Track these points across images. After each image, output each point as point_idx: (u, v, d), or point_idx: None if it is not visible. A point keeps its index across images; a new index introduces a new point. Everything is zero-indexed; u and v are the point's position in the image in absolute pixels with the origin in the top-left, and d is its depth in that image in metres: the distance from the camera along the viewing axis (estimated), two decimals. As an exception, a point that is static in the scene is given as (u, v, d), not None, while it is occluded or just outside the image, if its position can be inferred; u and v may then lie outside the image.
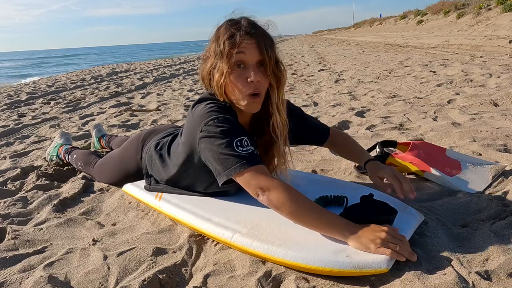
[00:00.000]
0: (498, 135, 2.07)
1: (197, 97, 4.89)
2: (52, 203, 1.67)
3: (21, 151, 2.74)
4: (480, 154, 1.85)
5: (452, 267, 1.00)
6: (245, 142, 1.12)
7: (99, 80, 8.31)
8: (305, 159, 1.98)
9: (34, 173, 2.08)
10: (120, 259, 1.19)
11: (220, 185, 1.16)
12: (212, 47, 1.17)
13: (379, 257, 0.99)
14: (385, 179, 1.34)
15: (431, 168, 1.60)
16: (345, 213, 1.13)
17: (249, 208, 1.32)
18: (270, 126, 1.24)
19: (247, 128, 1.31)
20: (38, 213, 1.64)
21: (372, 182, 1.42)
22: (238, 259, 1.15)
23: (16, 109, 5.01)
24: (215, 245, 1.25)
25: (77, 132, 3.22)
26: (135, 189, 1.60)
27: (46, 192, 1.83)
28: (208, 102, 1.21)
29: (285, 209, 1.08)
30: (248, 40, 1.11)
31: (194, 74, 8.40)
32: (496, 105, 2.86)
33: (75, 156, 2.07)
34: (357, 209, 1.15)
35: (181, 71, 9.39)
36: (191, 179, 1.39)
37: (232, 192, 1.41)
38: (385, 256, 0.99)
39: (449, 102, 3.13)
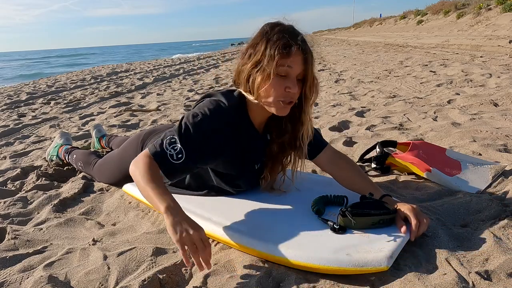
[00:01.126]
0: (498, 135, 2.07)
1: (197, 97, 4.90)
2: (52, 203, 1.67)
3: (21, 151, 2.74)
4: (480, 154, 1.85)
5: (452, 267, 1.00)
6: (175, 147, 1.18)
7: (99, 80, 8.31)
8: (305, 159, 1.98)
9: (34, 173, 2.08)
10: (120, 259, 1.19)
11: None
12: (261, 46, 1.16)
13: (379, 255, 0.99)
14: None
15: (431, 168, 1.60)
16: (345, 209, 1.14)
17: (249, 208, 1.32)
18: (294, 131, 1.29)
19: (262, 126, 1.34)
20: (38, 213, 1.64)
21: None
22: (238, 259, 1.15)
23: (16, 109, 5.01)
24: (215, 245, 1.25)
25: (77, 132, 3.22)
26: (135, 189, 1.60)
27: (46, 192, 1.83)
28: (214, 100, 1.24)
29: (133, 175, 1.19)
30: (299, 55, 1.14)
31: (194, 74, 8.40)
32: (496, 105, 2.86)
33: (75, 156, 2.07)
34: (358, 206, 1.15)
35: (181, 71, 9.39)
36: (194, 176, 1.40)
37: (232, 192, 1.42)
38: (385, 254, 0.99)
39: (449, 102, 3.13)
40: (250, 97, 1.22)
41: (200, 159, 1.22)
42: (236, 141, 1.26)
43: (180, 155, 1.17)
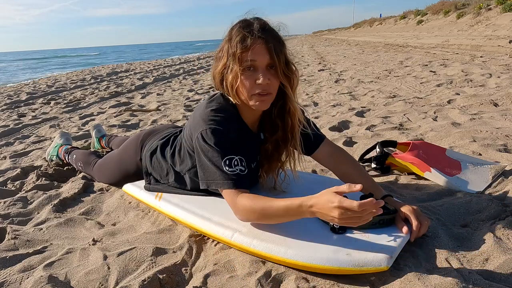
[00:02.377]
0: (498, 135, 2.07)
1: (197, 97, 4.90)
2: (52, 203, 1.67)
3: (21, 151, 2.74)
4: (480, 154, 1.85)
5: (452, 267, 1.00)
6: (235, 162, 1.16)
7: (99, 80, 8.31)
8: (305, 159, 1.98)
9: (34, 173, 2.08)
10: (120, 259, 1.19)
11: (201, 187, 1.23)
12: (225, 47, 1.19)
13: (379, 256, 0.99)
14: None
15: (431, 168, 1.60)
16: None
17: (249, 208, 1.31)
18: (284, 124, 1.29)
19: (256, 125, 1.34)
20: (38, 213, 1.64)
21: None
22: (238, 259, 1.15)
23: (16, 109, 5.01)
24: (215, 245, 1.25)
25: (77, 132, 3.22)
26: (135, 189, 1.60)
27: (46, 192, 1.83)
28: (217, 108, 1.23)
29: (253, 222, 1.18)
30: (259, 44, 1.13)
31: (194, 74, 8.40)
32: (496, 105, 2.86)
33: (75, 156, 2.07)
34: None
35: (181, 71, 9.39)
36: (197, 177, 1.40)
37: None
38: (385, 254, 0.99)
39: (449, 102, 3.13)
40: (231, 100, 1.23)
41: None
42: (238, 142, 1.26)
43: (243, 162, 1.17)
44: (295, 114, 1.27)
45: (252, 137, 1.32)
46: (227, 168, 1.14)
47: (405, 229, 1.10)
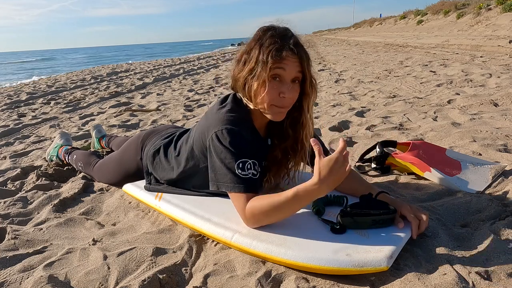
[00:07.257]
0: (498, 135, 2.07)
1: (197, 97, 4.89)
2: (52, 203, 1.67)
3: (21, 151, 2.74)
4: (480, 154, 1.85)
5: (452, 267, 1.00)
6: (248, 165, 1.15)
7: (99, 80, 8.31)
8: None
9: (34, 173, 2.08)
10: (120, 259, 1.19)
11: (210, 189, 1.22)
12: (255, 52, 1.16)
13: (379, 255, 0.99)
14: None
15: (431, 168, 1.60)
16: (345, 209, 1.14)
17: (249, 208, 1.31)
18: (296, 134, 1.29)
19: (263, 130, 1.34)
20: (38, 213, 1.64)
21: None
22: (238, 259, 1.15)
23: (16, 109, 5.01)
24: (215, 245, 1.25)
25: (77, 132, 3.22)
26: (135, 189, 1.60)
27: (46, 192, 1.83)
28: (231, 109, 1.23)
29: (264, 224, 1.17)
30: (293, 58, 1.14)
31: (194, 74, 8.40)
32: (496, 105, 2.86)
33: (75, 156, 2.07)
34: (358, 206, 1.15)
35: (181, 71, 9.39)
36: (199, 177, 1.40)
37: None
38: (385, 254, 0.99)
39: (449, 102, 3.13)
40: (250, 105, 1.23)
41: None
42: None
43: (256, 166, 1.17)
44: (306, 127, 1.28)
45: (260, 142, 1.32)
46: (240, 171, 1.14)
47: (401, 224, 1.10)
